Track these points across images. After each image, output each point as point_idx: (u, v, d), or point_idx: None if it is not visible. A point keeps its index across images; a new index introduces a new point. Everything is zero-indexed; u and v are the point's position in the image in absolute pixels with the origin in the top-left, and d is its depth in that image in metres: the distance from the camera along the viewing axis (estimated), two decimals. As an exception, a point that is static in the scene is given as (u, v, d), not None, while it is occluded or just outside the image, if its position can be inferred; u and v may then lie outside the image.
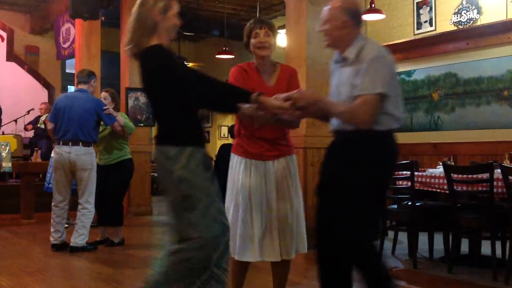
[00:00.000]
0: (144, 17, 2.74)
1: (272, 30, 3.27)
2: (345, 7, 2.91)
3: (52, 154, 5.56)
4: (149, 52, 2.69)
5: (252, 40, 3.23)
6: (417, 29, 9.44)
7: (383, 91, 2.72)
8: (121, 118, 5.92)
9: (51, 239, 5.64)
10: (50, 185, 6.95)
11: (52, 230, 5.66)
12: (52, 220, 5.66)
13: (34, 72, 12.79)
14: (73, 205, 7.53)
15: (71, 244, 5.53)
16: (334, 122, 2.94)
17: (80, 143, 5.51)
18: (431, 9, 9.26)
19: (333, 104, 2.88)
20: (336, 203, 2.82)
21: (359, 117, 2.74)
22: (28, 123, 10.69)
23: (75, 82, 5.83)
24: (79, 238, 5.54)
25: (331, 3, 2.96)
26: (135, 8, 2.78)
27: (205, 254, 2.63)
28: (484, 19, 8.31)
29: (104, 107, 5.71)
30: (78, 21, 9.65)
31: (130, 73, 8.85)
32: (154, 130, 5.30)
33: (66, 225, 6.04)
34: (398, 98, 2.85)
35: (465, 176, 4.49)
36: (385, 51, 2.85)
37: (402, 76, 8.36)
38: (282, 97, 2.77)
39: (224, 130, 15.65)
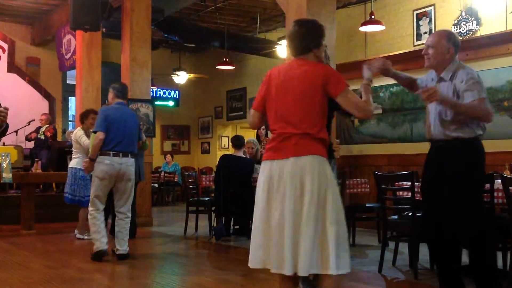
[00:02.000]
0: None
1: None
2: (450, 36, 3.65)
3: (100, 165, 5.57)
4: None
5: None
6: (417, 40, 9.49)
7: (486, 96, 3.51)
8: (143, 133, 6.43)
9: (100, 245, 5.59)
10: (70, 196, 7.02)
11: (98, 236, 5.60)
12: (95, 227, 5.61)
13: (35, 83, 12.83)
14: (73, 216, 7.60)
15: (120, 252, 5.67)
16: (438, 131, 3.66)
17: (129, 155, 5.71)
18: (430, 20, 9.32)
19: (457, 102, 3.53)
20: (463, 200, 3.54)
21: (482, 113, 3.50)
22: (30, 133, 10.71)
23: (116, 95, 5.84)
24: (125, 245, 5.71)
25: (438, 31, 3.71)
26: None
27: None
28: (484, 30, 8.35)
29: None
30: (79, 32, 9.69)
31: (130, 84, 8.82)
32: (154, 142, 5.23)
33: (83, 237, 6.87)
34: None
35: (465, 186, 4.48)
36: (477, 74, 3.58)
37: (402, 87, 8.37)
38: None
39: (225, 141, 15.59)
